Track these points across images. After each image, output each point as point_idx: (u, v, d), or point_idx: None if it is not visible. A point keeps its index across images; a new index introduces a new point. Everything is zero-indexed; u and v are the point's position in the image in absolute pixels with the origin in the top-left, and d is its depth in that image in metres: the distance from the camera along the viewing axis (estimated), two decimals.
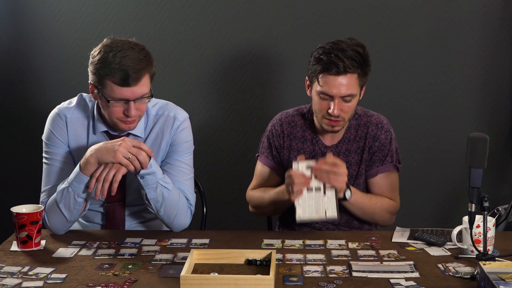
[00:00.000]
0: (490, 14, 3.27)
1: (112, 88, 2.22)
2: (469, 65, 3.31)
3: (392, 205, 2.53)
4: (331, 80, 2.37)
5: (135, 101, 2.24)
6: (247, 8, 3.31)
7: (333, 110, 2.39)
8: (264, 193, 2.57)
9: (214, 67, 3.38)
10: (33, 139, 3.36)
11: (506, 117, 3.35)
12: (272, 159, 2.63)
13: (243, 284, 1.81)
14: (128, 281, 1.94)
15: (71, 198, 2.28)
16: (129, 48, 2.23)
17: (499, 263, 1.88)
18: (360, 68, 2.39)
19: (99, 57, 2.23)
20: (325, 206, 2.32)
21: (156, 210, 2.34)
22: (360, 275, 1.97)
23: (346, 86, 2.37)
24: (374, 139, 2.53)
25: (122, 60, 2.19)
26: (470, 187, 2.06)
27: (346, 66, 2.35)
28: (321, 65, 2.38)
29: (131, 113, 2.25)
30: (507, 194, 3.32)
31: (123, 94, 2.22)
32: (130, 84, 2.21)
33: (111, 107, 2.25)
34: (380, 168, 2.53)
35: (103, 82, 2.23)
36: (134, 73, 2.20)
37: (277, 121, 2.63)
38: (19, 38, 3.40)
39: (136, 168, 2.23)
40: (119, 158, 2.21)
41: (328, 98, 2.40)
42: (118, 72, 2.19)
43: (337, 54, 2.35)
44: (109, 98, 2.23)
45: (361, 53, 2.39)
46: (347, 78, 2.37)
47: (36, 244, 2.22)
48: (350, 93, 2.38)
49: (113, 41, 2.26)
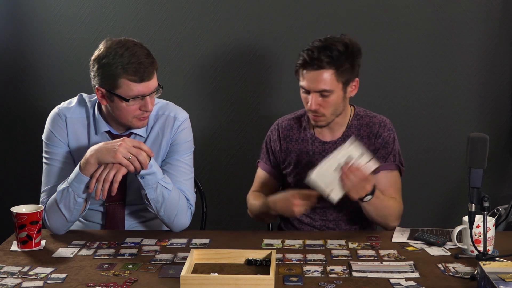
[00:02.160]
0: (490, 14, 3.26)
1: (129, 86, 2.23)
2: (469, 65, 3.31)
3: (398, 207, 2.49)
4: (308, 76, 2.43)
5: (150, 95, 2.27)
6: (247, 8, 3.31)
7: (311, 104, 2.44)
8: (257, 201, 2.59)
9: (214, 67, 3.38)
10: (33, 139, 3.36)
11: (506, 117, 3.35)
12: (270, 165, 2.65)
13: (243, 284, 1.81)
14: (128, 281, 1.94)
15: (71, 198, 2.28)
16: (133, 45, 2.26)
17: (499, 263, 1.88)
18: (337, 65, 2.41)
19: (107, 60, 2.23)
20: (335, 187, 2.28)
21: (156, 210, 2.34)
22: (360, 275, 1.97)
23: (322, 82, 2.41)
24: (376, 136, 2.53)
25: (132, 58, 2.22)
26: (470, 187, 2.06)
27: (320, 63, 2.40)
28: (300, 61, 2.45)
29: (149, 108, 2.28)
30: (507, 194, 3.32)
31: (140, 91, 2.24)
32: (145, 79, 2.24)
33: (129, 106, 2.26)
34: (384, 165, 2.52)
35: (118, 82, 2.23)
36: (147, 68, 2.23)
37: (274, 127, 2.67)
38: (19, 38, 3.40)
39: (136, 168, 2.23)
40: (119, 158, 2.21)
41: (307, 92, 2.45)
42: (133, 69, 2.21)
43: (314, 50, 2.41)
44: (127, 97, 2.24)
45: (341, 50, 2.41)
46: (322, 73, 2.41)
47: (36, 244, 2.22)
48: (324, 89, 2.41)
49: (113, 42, 2.27)
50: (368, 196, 2.33)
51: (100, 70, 2.25)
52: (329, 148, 2.55)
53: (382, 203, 2.42)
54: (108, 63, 2.23)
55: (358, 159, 2.28)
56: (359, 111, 2.59)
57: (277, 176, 2.66)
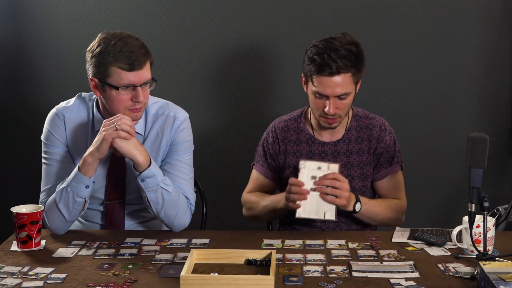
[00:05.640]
0: (490, 15, 3.26)
1: (120, 74, 2.23)
2: (469, 65, 3.31)
3: (400, 205, 2.55)
4: (325, 81, 2.38)
5: (141, 86, 2.26)
6: (247, 8, 3.31)
7: (329, 109, 2.41)
8: (260, 199, 2.58)
9: (214, 67, 3.38)
10: (33, 139, 3.35)
11: (506, 117, 3.35)
12: (267, 167, 2.64)
13: (243, 284, 1.81)
14: (128, 281, 1.94)
15: (70, 197, 2.28)
16: (127, 36, 2.28)
17: (499, 263, 1.88)
18: (354, 67, 2.39)
19: (100, 49, 2.25)
20: (325, 208, 2.34)
21: (156, 211, 2.34)
22: (360, 275, 1.97)
23: (341, 86, 2.38)
24: (378, 140, 2.54)
25: (124, 47, 2.23)
26: (470, 187, 2.06)
27: (339, 67, 2.35)
28: (315, 66, 2.38)
29: (140, 98, 2.27)
30: (507, 194, 3.32)
31: (130, 80, 2.24)
32: (135, 68, 2.24)
33: (120, 95, 2.26)
34: (389, 170, 2.55)
35: (109, 71, 2.24)
36: (139, 57, 2.24)
37: (271, 128, 2.65)
38: (19, 38, 3.40)
39: (131, 134, 2.23)
40: (109, 134, 2.21)
41: (323, 97, 2.41)
42: (124, 57, 2.22)
43: (330, 54, 2.35)
44: (117, 85, 2.24)
45: (354, 51, 2.39)
46: (341, 77, 2.38)
47: (36, 244, 2.22)
48: (345, 92, 2.39)
49: (109, 33, 2.29)
50: (357, 203, 2.39)
51: (93, 59, 2.27)
52: (328, 149, 2.55)
53: (374, 209, 2.46)
54: (100, 52, 2.25)
55: (320, 172, 2.33)
56: (357, 112, 2.59)
57: (274, 179, 2.65)
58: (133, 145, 2.25)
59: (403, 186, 2.60)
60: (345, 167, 2.54)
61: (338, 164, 2.35)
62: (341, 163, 2.45)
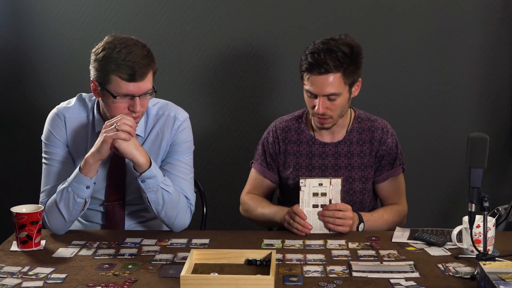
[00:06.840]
0: (490, 15, 3.26)
1: (119, 83, 2.22)
2: (469, 65, 3.31)
3: (401, 211, 2.55)
4: (314, 80, 2.41)
5: (140, 96, 2.25)
6: (247, 8, 3.31)
7: (318, 108, 2.42)
8: (259, 204, 2.57)
9: (214, 67, 3.38)
10: (33, 139, 3.35)
11: (506, 117, 3.35)
12: (266, 166, 2.64)
13: (243, 284, 1.81)
14: (128, 281, 1.94)
15: (70, 198, 2.28)
16: (133, 44, 2.25)
17: (499, 263, 1.88)
18: (344, 67, 2.40)
19: (103, 54, 2.23)
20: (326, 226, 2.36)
21: (157, 212, 2.34)
22: (360, 275, 1.97)
23: (330, 85, 2.40)
24: (380, 143, 2.54)
25: (127, 56, 2.20)
26: (470, 187, 2.06)
27: (328, 67, 2.38)
28: (306, 64, 2.42)
29: (136, 109, 2.25)
30: (507, 194, 3.32)
31: (129, 90, 2.23)
32: (136, 79, 2.22)
33: (116, 103, 2.25)
34: (391, 172, 2.55)
35: (109, 78, 2.22)
36: (140, 68, 2.21)
37: (272, 128, 2.65)
38: (19, 38, 3.40)
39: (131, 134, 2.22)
40: (109, 136, 2.20)
41: (313, 96, 2.43)
42: (125, 67, 2.20)
43: (320, 54, 2.38)
44: (115, 93, 2.23)
45: (347, 52, 2.40)
46: (330, 77, 2.39)
47: (36, 244, 2.22)
48: (333, 92, 2.41)
49: (116, 38, 2.26)
50: (361, 224, 2.40)
51: (96, 63, 2.26)
52: (329, 150, 2.55)
53: (377, 222, 2.46)
54: (103, 57, 2.23)
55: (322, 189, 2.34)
56: (359, 114, 2.60)
57: (272, 178, 2.65)
58: (134, 146, 2.25)
59: (404, 190, 2.59)
60: (346, 169, 2.54)
61: (340, 178, 2.35)
62: (343, 177, 2.45)
